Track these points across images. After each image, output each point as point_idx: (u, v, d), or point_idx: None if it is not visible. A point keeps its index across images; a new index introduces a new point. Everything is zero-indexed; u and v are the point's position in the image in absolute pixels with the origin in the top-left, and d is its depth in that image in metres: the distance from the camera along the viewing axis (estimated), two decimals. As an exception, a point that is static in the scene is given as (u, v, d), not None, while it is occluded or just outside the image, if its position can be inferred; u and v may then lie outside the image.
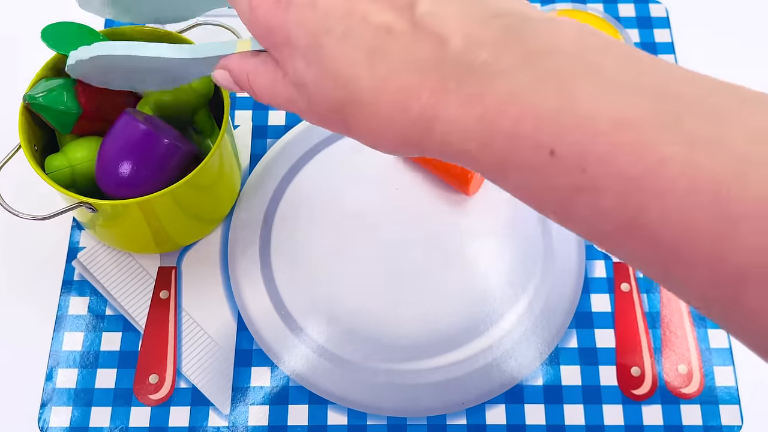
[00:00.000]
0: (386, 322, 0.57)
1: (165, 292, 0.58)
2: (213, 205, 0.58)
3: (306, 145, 0.63)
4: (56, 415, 0.54)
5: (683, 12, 0.71)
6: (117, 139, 0.51)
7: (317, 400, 0.55)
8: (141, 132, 0.51)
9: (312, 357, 0.56)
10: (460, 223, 0.60)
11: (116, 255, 0.59)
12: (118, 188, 0.51)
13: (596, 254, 0.60)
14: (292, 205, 0.61)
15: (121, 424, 0.54)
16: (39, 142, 0.54)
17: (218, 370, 0.55)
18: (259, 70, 0.39)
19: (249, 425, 0.54)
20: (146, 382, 0.55)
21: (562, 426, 0.54)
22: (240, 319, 0.57)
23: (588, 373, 0.55)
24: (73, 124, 0.53)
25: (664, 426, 0.54)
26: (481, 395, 0.55)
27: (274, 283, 0.58)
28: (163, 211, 0.53)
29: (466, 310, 0.57)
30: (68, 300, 0.58)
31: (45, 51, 0.67)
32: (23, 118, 0.52)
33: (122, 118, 0.51)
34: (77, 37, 0.53)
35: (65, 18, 0.70)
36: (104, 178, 0.51)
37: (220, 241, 0.60)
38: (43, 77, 0.54)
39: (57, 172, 0.53)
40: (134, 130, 0.51)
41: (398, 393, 0.55)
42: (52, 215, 0.50)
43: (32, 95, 0.51)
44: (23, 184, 0.62)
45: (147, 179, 0.51)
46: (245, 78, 0.40)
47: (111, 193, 0.51)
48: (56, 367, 0.55)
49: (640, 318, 0.57)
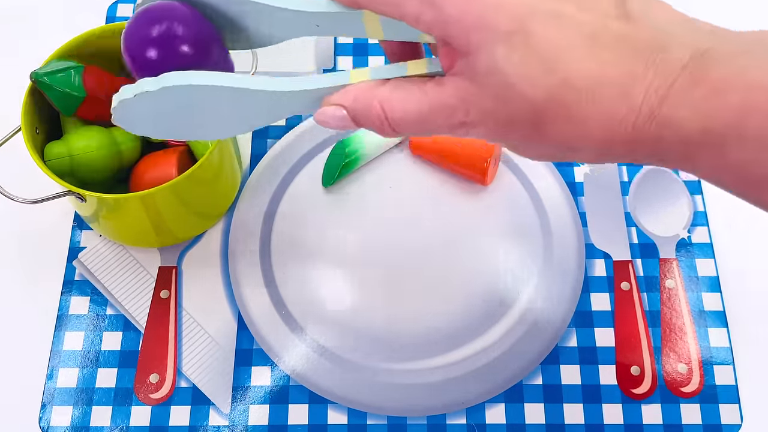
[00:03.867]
0: (386, 322, 0.57)
1: (165, 291, 0.58)
2: (213, 200, 0.58)
3: (306, 146, 0.64)
4: (57, 414, 0.54)
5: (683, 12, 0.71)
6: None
7: (317, 399, 0.55)
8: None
9: (312, 356, 0.56)
10: (461, 223, 0.60)
11: (117, 255, 0.59)
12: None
13: (596, 253, 0.60)
14: (292, 205, 0.61)
15: (122, 423, 0.54)
16: (43, 124, 0.55)
17: (218, 369, 0.56)
18: (395, 95, 0.37)
19: (249, 424, 0.54)
20: (147, 381, 0.55)
21: (562, 425, 0.54)
22: (240, 318, 0.57)
23: (588, 373, 0.55)
24: (76, 107, 0.54)
25: (664, 425, 0.54)
26: (481, 395, 0.55)
27: (274, 283, 0.58)
28: (163, 204, 0.53)
29: (466, 309, 0.57)
30: (69, 300, 0.58)
31: (64, 34, 0.66)
32: (29, 99, 0.53)
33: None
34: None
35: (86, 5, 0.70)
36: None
37: (220, 241, 0.60)
38: (56, 58, 0.54)
39: (56, 160, 0.53)
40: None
41: (398, 392, 0.55)
42: (42, 200, 0.51)
43: (39, 73, 0.52)
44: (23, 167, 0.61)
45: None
46: (377, 107, 0.37)
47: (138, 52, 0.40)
48: (57, 366, 0.56)
49: (640, 317, 0.57)
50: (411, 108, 0.36)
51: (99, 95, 0.54)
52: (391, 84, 0.37)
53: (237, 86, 0.38)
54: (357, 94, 0.38)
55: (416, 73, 0.38)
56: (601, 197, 0.62)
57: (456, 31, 0.34)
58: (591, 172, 0.63)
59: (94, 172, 0.54)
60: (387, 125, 0.37)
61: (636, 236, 0.60)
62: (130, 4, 0.70)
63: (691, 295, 0.58)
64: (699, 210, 0.61)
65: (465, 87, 0.35)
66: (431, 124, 0.36)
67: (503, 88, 0.33)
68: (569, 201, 0.61)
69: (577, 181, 0.62)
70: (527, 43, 0.32)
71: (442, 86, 0.36)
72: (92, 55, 0.56)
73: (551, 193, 0.62)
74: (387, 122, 0.37)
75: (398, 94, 0.37)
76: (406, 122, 0.37)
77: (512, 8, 0.33)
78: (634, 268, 0.59)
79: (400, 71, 0.38)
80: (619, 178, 0.62)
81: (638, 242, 0.60)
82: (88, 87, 0.54)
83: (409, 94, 0.36)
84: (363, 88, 0.38)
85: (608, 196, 0.62)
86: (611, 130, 0.32)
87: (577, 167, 0.63)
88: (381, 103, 0.37)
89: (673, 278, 0.59)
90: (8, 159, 0.61)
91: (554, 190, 0.62)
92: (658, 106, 0.31)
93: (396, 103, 0.37)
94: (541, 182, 0.62)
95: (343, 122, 0.38)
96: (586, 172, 0.63)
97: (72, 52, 0.55)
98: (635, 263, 0.59)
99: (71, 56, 0.55)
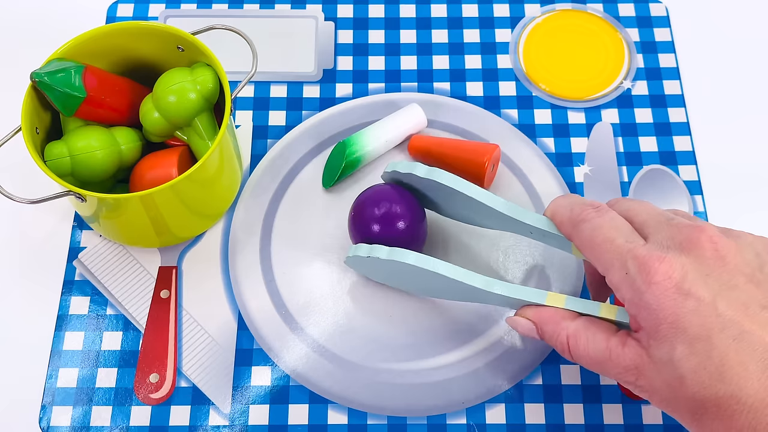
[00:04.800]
0: (386, 322, 0.57)
1: (165, 291, 0.58)
2: (213, 200, 0.58)
3: (306, 146, 0.64)
4: (57, 414, 0.54)
5: (683, 11, 0.71)
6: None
7: (317, 399, 0.55)
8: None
9: (312, 356, 0.56)
10: (461, 223, 0.60)
11: (117, 255, 0.59)
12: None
13: (596, 254, 0.60)
14: (292, 206, 0.61)
15: (122, 423, 0.54)
16: (43, 124, 0.55)
17: (218, 369, 0.56)
18: (582, 335, 0.43)
19: (249, 424, 0.54)
20: (147, 381, 0.55)
21: (562, 425, 0.54)
22: (240, 318, 0.57)
23: (588, 373, 0.56)
24: (76, 108, 0.54)
25: (664, 425, 0.54)
26: (481, 395, 0.55)
27: (274, 283, 0.58)
28: (164, 204, 0.53)
29: (466, 309, 0.57)
30: (69, 300, 0.58)
31: (64, 34, 0.66)
32: (29, 99, 0.53)
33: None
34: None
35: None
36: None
37: (220, 241, 0.60)
38: (56, 58, 0.54)
39: (56, 160, 0.53)
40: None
41: (398, 392, 0.55)
42: (42, 200, 0.51)
43: (39, 73, 0.52)
44: (23, 167, 0.62)
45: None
46: (564, 338, 0.44)
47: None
48: (57, 366, 0.56)
49: (640, 317, 0.57)
50: (592, 354, 0.43)
51: (99, 95, 0.54)
52: (581, 323, 0.44)
53: (451, 276, 0.48)
54: (549, 318, 0.45)
55: (606, 317, 0.44)
56: (601, 197, 0.62)
57: (647, 316, 0.39)
58: (591, 172, 0.63)
59: (94, 172, 0.54)
60: (568, 354, 0.44)
61: (636, 236, 0.60)
62: (130, 4, 0.70)
63: (691, 295, 0.58)
64: (699, 210, 0.61)
65: (643, 360, 0.40)
66: (605, 371, 0.42)
67: (675, 379, 0.39)
68: (569, 201, 0.61)
69: (577, 181, 0.62)
70: (708, 354, 0.38)
71: (624, 348, 0.41)
72: (92, 55, 0.56)
73: (551, 194, 0.62)
74: (569, 353, 0.44)
75: (585, 336, 0.43)
76: (585, 361, 0.43)
77: (704, 319, 0.38)
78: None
79: (592, 310, 0.45)
80: (620, 178, 0.63)
81: (638, 242, 0.60)
82: (88, 87, 0.54)
83: (594, 342, 0.43)
84: (555, 317, 0.45)
85: (608, 196, 0.62)
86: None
87: (576, 167, 0.63)
88: (568, 336, 0.44)
89: (673, 279, 0.59)
90: (8, 159, 0.61)
91: (554, 190, 0.62)
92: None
93: (581, 343, 0.43)
94: (541, 183, 0.62)
95: (531, 334, 0.46)
96: (586, 172, 0.63)
97: (72, 52, 0.55)
98: (635, 263, 0.59)
99: (71, 56, 0.55)
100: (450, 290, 0.50)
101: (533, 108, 0.65)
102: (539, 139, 0.64)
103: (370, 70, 0.67)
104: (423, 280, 0.50)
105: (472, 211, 0.52)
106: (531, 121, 0.65)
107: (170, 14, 0.70)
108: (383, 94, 0.66)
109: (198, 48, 0.55)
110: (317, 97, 0.66)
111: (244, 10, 0.70)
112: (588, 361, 0.43)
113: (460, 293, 0.50)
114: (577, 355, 0.43)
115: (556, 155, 0.63)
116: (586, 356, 0.43)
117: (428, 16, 0.70)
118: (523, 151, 0.63)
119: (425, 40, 0.69)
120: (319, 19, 0.70)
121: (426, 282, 0.51)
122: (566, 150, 0.64)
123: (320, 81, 0.67)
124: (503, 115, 0.65)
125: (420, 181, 0.52)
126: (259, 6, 0.71)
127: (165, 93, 0.54)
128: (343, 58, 0.68)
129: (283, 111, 0.65)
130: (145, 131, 0.57)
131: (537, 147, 0.64)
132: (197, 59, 0.56)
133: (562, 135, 0.64)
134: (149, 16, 0.70)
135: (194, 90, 0.54)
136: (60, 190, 0.51)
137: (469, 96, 0.66)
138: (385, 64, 0.67)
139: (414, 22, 0.70)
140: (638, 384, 0.41)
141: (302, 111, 0.65)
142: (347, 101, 0.66)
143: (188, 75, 0.54)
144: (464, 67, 0.67)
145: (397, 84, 0.66)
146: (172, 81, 0.54)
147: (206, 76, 0.54)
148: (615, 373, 0.42)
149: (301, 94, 0.66)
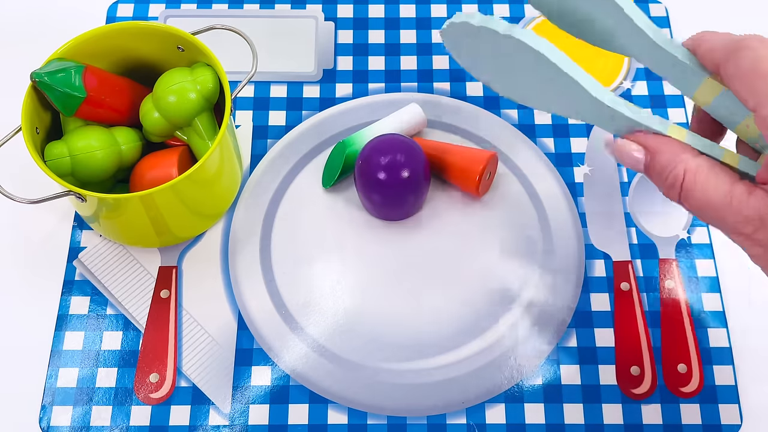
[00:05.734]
0: (386, 322, 0.57)
1: (165, 291, 0.58)
2: (213, 200, 0.58)
3: (306, 146, 0.64)
4: (57, 414, 0.54)
5: (683, 12, 0.71)
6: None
7: (317, 399, 0.55)
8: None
9: (312, 356, 0.56)
10: (461, 223, 0.60)
11: (117, 255, 0.59)
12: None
13: (596, 254, 0.60)
14: (292, 205, 0.61)
15: (122, 423, 0.54)
16: (43, 124, 0.55)
17: (218, 368, 0.56)
18: (704, 172, 0.38)
19: (249, 424, 0.54)
20: (147, 381, 0.55)
21: (562, 425, 0.54)
22: (240, 318, 0.57)
23: (587, 373, 0.56)
24: (76, 108, 0.54)
25: (664, 425, 0.54)
26: (481, 395, 0.55)
27: (274, 283, 0.58)
28: (164, 204, 0.53)
29: (466, 309, 0.57)
30: (69, 299, 0.58)
31: (64, 34, 0.66)
32: (29, 99, 0.53)
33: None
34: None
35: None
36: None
37: (220, 241, 0.60)
38: (56, 58, 0.54)
39: (56, 160, 0.53)
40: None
41: (398, 392, 0.55)
42: (42, 200, 0.51)
43: (39, 73, 0.52)
44: (23, 167, 0.62)
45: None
46: (680, 172, 0.38)
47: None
48: (57, 366, 0.56)
49: (640, 317, 0.57)
50: (712, 195, 0.37)
51: (99, 95, 0.54)
52: (704, 160, 0.38)
53: (564, 69, 0.39)
54: (667, 148, 0.39)
55: (728, 162, 0.39)
56: (601, 198, 0.62)
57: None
58: (590, 173, 0.63)
59: (94, 172, 0.54)
60: (677, 191, 0.38)
61: (636, 237, 0.60)
62: (130, 5, 0.70)
63: (691, 295, 0.58)
64: (699, 210, 0.61)
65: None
66: (719, 218, 0.38)
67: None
68: (569, 201, 0.61)
69: (577, 181, 0.62)
70: None
71: (749, 197, 0.37)
72: (92, 55, 0.56)
73: (551, 194, 0.62)
74: (680, 188, 0.38)
75: (706, 174, 0.38)
76: (698, 203, 0.38)
77: None
78: (634, 269, 0.59)
79: (714, 152, 0.39)
80: (619, 178, 0.63)
81: (638, 243, 0.60)
82: (88, 87, 0.54)
83: (716, 183, 0.37)
84: (675, 147, 0.39)
85: (608, 197, 0.62)
86: None
87: (576, 167, 0.63)
88: (686, 170, 0.38)
89: (672, 279, 0.59)
90: (8, 159, 0.61)
91: (554, 190, 0.62)
92: None
93: (699, 180, 0.38)
94: (541, 183, 0.62)
95: (637, 164, 0.40)
96: (586, 173, 0.63)
97: (72, 52, 0.55)
98: (635, 264, 0.59)
99: (71, 56, 0.55)
100: (556, 96, 0.42)
101: (533, 108, 0.65)
102: (539, 140, 0.64)
103: (370, 70, 0.67)
104: (530, 76, 0.41)
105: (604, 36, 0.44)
106: (531, 121, 0.65)
107: (170, 14, 0.70)
108: (383, 94, 0.66)
109: (198, 48, 0.55)
110: (317, 97, 0.66)
111: (244, 10, 0.70)
112: (702, 203, 0.38)
113: (566, 103, 0.42)
114: (691, 194, 0.38)
115: (555, 155, 0.63)
116: (702, 197, 0.38)
117: (428, 16, 0.70)
118: (522, 151, 0.63)
119: (425, 40, 0.69)
120: (319, 19, 0.70)
121: (534, 80, 0.42)
122: (566, 150, 0.64)
123: (320, 81, 0.67)
124: (503, 115, 0.65)
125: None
126: (259, 6, 0.71)
127: (165, 93, 0.54)
128: (343, 58, 0.68)
129: (283, 111, 0.65)
130: (145, 131, 0.57)
131: (537, 147, 0.64)
132: (197, 59, 0.56)
133: (561, 135, 0.64)
134: (149, 16, 0.70)
135: (194, 90, 0.54)
136: (60, 190, 0.51)
137: (469, 96, 0.66)
138: (385, 64, 0.67)
139: (414, 22, 0.70)
140: (755, 237, 0.37)
141: (302, 111, 0.65)
142: (347, 101, 0.66)
143: (188, 75, 0.54)
144: (464, 67, 0.67)
145: (397, 84, 0.66)
146: (172, 81, 0.54)
147: (206, 76, 0.54)
148: (732, 221, 0.37)
149: (301, 94, 0.66)
